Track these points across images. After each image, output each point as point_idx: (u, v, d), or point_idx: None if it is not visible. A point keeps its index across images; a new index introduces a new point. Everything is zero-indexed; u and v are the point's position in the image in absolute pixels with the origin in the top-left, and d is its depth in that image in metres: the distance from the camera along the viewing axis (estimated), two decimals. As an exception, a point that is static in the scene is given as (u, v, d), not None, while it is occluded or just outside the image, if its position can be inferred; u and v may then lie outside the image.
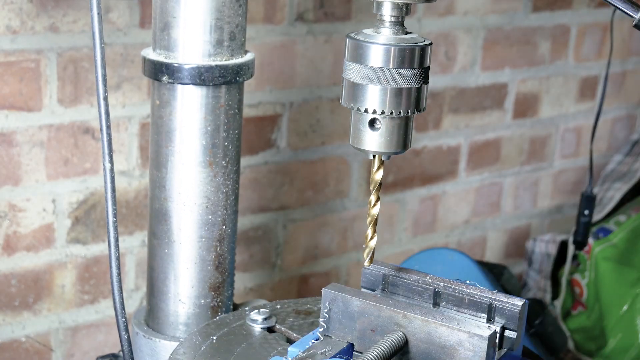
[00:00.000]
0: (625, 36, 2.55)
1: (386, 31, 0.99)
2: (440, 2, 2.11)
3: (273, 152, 1.93)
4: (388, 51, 0.97)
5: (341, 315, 1.05)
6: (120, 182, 1.72)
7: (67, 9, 1.59)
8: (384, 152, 1.02)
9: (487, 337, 0.97)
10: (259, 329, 1.18)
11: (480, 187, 2.38)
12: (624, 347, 2.30)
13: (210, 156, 1.26)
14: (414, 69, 0.98)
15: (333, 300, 1.05)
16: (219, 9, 1.22)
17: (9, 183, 1.61)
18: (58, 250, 1.70)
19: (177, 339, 1.31)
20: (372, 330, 1.03)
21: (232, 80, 1.24)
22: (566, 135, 2.53)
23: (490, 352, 0.98)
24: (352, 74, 0.99)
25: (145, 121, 1.72)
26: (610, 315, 2.33)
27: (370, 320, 1.03)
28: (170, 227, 1.29)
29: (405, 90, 0.99)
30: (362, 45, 0.98)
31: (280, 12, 1.85)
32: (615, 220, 2.45)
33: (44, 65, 1.59)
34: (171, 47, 1.23)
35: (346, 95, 1.01)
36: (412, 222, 2.26)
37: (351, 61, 0.99)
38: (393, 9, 0.99)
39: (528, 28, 2.32)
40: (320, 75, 1.95)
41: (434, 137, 2.22)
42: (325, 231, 2.09)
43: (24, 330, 1.70)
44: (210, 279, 1.31)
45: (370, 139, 1.01)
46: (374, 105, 0.99)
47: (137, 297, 1.82)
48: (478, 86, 2.27)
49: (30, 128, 1.61)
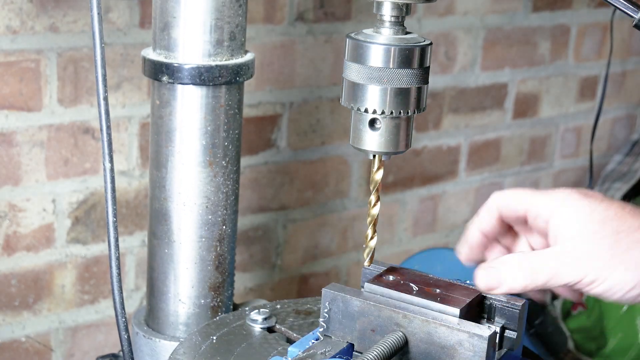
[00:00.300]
0: (625, 36, 2.55)
1: (386, 31, 0.99)
2: (440, 2, 2.11)
3: (273, 152, 1.93)
4: (388, 51, 0.97)
5: (341, 316, 1.05)
6: (120, 182, 1.72)
7: (67, 9, 1.59)
8: (384, 152, 1.02)
9: (487, 337, 0.97)
10: (259, 329, 1.18)
11: (480, 187, 2.37)
12: (624, 347, 2.30)
13: (210, 156, 1.26)
14: (414, 69, 0.99)
15: (333, 300, 1.05)
16: (219, 9, 1.22)
17: (9, 183, 1.61)
18: (58, 250, 1.70)
19: (177, 339, 1.31)
20: (372, 330, 1.03)
21: (232, 80, 1.24)
22: (566, 135, 2.53)
23: (490, 352, 0.98)
24: (352, 74, 0.99)
25: (145, 121, 1.72)
26: (610, 315, 2.33)
27: (370, 320, 1.03)
28: (170, 227, 1.29)
29: (405, 90, 0.99)
30: (362, 45, 0.98)
31: (280, 12, 1.85)
32: (615, 220, 2.44)
33: (44, 65, 1.59)
34: (171, 47, 1.23)
35: (346, 95, 1.01)
36: (412, 222, 2.26)
37: (351, 61, 0.99)
38: (393, 9, 0.99)
39: (528, 28, 2.32)
40: (320, 75, 1.95)
41: (434, 137, 2.22)
42: (325, 231, 2.09)
43: (24, 330, 1.70)
44: (210, 279, 1.31)
45: (370, 139, 1.01)
46: (374, 105, 0.99)
47: (137, 297, 1.82)
48: (478, 86, 2.27)
49: (30, 128, 1.61)
